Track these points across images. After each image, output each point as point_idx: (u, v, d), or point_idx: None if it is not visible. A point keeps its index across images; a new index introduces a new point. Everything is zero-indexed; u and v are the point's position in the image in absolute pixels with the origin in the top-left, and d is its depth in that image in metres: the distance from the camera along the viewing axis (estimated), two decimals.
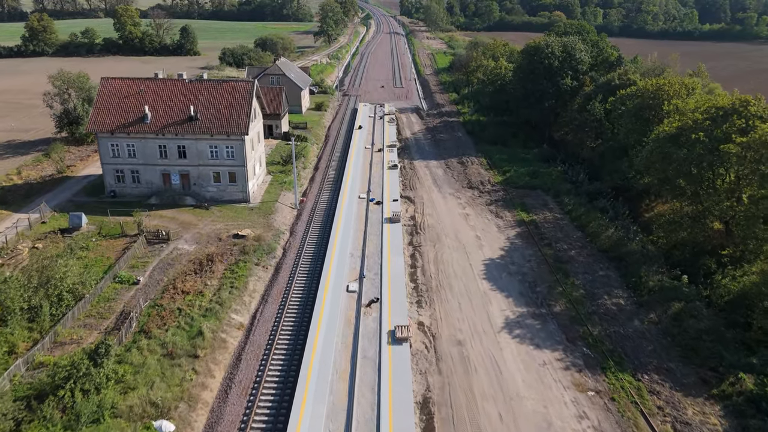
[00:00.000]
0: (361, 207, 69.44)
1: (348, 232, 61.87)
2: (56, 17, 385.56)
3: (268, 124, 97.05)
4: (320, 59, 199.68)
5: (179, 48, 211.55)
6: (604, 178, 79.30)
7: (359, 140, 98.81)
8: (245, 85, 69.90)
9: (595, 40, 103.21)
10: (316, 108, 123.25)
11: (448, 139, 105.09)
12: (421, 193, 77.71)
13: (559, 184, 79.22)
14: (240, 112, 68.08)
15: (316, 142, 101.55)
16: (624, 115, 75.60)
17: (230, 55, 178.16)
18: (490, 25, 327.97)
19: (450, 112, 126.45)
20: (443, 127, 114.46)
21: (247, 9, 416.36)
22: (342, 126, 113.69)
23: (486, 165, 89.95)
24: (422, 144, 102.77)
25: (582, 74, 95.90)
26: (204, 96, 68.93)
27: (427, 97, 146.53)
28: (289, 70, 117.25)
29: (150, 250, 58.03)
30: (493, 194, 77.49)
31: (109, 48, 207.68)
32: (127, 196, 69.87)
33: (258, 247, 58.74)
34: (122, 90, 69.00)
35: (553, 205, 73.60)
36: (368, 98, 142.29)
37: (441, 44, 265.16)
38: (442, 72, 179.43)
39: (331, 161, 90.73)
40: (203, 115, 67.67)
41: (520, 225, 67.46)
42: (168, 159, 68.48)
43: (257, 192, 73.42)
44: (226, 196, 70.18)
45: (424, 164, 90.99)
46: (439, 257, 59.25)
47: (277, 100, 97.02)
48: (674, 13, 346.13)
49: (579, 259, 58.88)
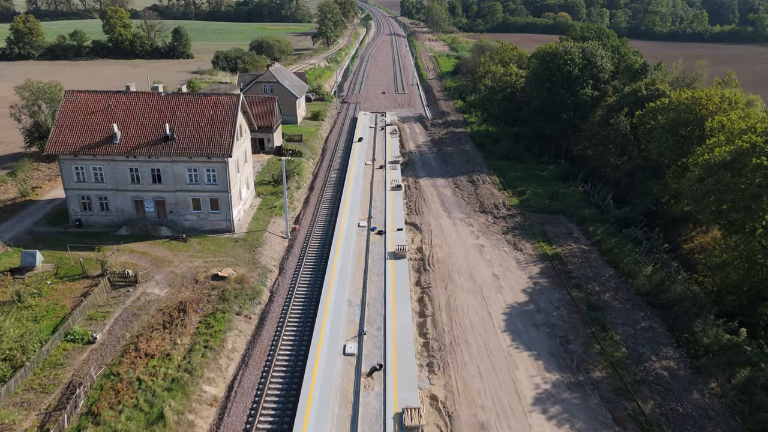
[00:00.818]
0: (360, 238, 60.97)
1: (346, 271, 53.37)
2: (51, 18, 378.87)
3: (259, 137, 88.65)
4: (318, 63, 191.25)
5: (171, 51, 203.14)
6: (633, 201, 70.83)
7: (359, 155, 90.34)
8: (229, 99, 61.41)
9: (617, 46, 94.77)
10: (312, 117, 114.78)
11: (455, 153, 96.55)
12: (428, 219, 69.20)
13: (582, 207, 70.73)
14: (223, 130, 59.59)
15: (312, 156, 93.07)
16: (656, 132, 67.12)
17: (223, 58, 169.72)
18: (494, 26, 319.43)
19: (456, 122, 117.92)
20: (450, 139, 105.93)
21: (244, 10, 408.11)
22: (340, 137, 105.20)
23: (499, 184, 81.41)
24: (428, 159, 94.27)
25: (603, 83, 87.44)
26: (182, 112, 60.44)
27: (431, 105, 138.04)
28: (284, 77, 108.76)
29: (113, 296, 49.51)
30: (509, 220, 68.98)
31: (98, 51, 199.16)
32: (95, 225, 61.37)
33: (240, 292, 50.27)
34: (88, 105, 60.51)
35: (578, 233, 65.11)
36: (368, 106, 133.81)
37: (444, 46, 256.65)
38: (446, 76, 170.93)
39: (328, 180, 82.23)
40: (181, 134, 59.20)
41: (543, 260, 58.95)
42: (140, 184, 59.99)
43: (243, 219, 64.94)
44: (208, 226, 61.71)
45: (431, 182, 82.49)
46: (452, 303, 50.73)
47: (269, 111, 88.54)
48: (682, 14, 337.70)
49: (615, 305, 50.38)
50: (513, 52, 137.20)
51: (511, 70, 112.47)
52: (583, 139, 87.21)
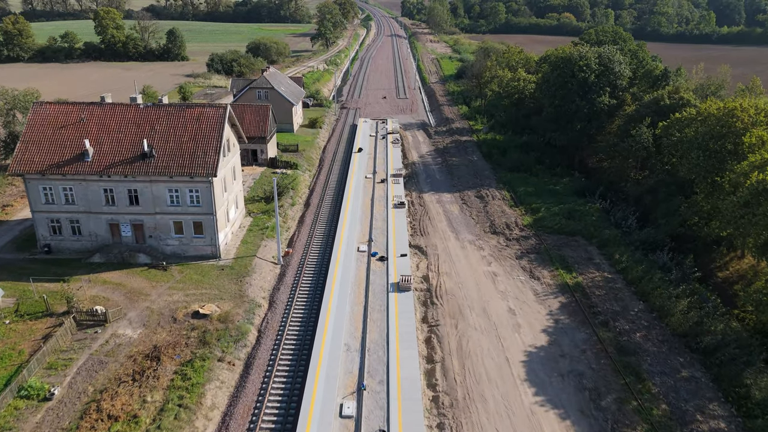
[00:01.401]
0: (360, 264, 55.02)
1: (343, 307, 47.40)
2: (46, 18, 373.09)
3: (251, 148, 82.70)
4: (317, 65, 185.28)
5: (166, 53, 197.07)
6: (657, 221, 64.84)
7: (359, 166, 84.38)
8: (215, 111, 55.44)
9: (634, 50, 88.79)
10: (309, 125, 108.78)
11: (461, 165, 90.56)
12: (434, 241, 63.24)
13: (602, 228, 64.80)
14: (207, 146, 53.62)
15: (308, 168, 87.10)
16: (684, 146, 61.20)
17: (218, 61, 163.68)
18: (496, 27, 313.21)
19: (461, 130, 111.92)
20: (455, 148, 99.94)
21: (242, 10, 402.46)
22: (339, 147, 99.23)
23: (510, 200, 75.44)
24: (432, 171, 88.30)
25: (621, 91, 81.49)
26: (162, 126, 54.47)
27: (434, 110, 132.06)
28: (279, 82, 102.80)
29: (79, 338, 43.56)
30: (522, 242, 63.01)
31: (90, 53, 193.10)
32: (66, 251, 55.40)
33: (224, 333, 44.33)
34: (58, 118, 54.54)
35: (599, 259, 59.13)
36: (369, 111, 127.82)
37: (446, 48, 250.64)
38: (449, 80, 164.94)
39: (326, 195, 76.26)
40: (161, 151, 53.25)
41: (563, 291, 52.98)
42: (116, 206, 54.02)
43: (231, 243, 58.97)
44: (191, 251, 55.74)
45: (436, 198, 76.52)
46: (464, 345, 44.75)
47: (263, 120, 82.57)
48: (687, 15, 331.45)
49: (649, 348, 44.43)
50: (520, 55, 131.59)
51: (519, 75, 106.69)
52: (600, 151, 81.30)
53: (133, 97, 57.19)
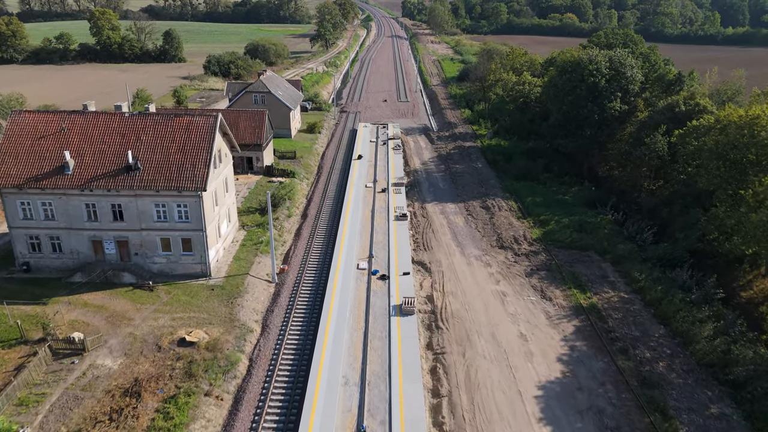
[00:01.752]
0: (360, 284, 51.53)
1: (342, 334, 43.90)
2: (44, 18, 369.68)
3: (247, 156, 79.24)
4: (316, 67, 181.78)
5: (162, 54, 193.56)
6: (675, 235, 61.33)
7: (359, 174, 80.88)
8: (205, 120, 51.95)
9: (646, 53, 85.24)
10: (308, 130, 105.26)
11: (465, 172, 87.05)
12: (438, 256, 59.75)
13: (616, 243, 61.30)
14: (197, 158, 50.14)
15: (306, 176, 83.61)
16: (704, 156, 57.71)
17: (216, 63, 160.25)
18: (498, 27, 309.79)
19: (464, 135, 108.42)
20: (458, 154, 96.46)
21: (242, 10, 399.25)
22: (338, 153, 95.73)
23: (517, 211, 71.94)
24: (435, 179, 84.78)
25: (633, 96, 77.97)
26: (148, 136, 50.99)
27: (436, 114, 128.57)
28: (276, 86, 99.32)
29: (54, 369, 40.08)
30: (532, 258, 59.51)
31: (85, 54, 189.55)
32: (46, 269, 51.91)
33: (212, 363, 40.85)
34: (38, 128, 51.05)
35: (614, 277, 55.63)
36: (369, 115, 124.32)
37: (447, 49, 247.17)
38: (451, 82, 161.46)
39: (324, 205, 72.77)
40: (147, 163, 49.77)
41: (577, 313, 49.49)
42: (99, 222, 50.53)
43: (223, 260, 55.47)
44: (179, 269, 52.24)
45: (440, 208, 73.03)
46: (473, 376, 41.26)
47: (258, 126, 79.10)
48: (691, 16, 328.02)
49: (674, 380, 40.94)
50: (524, 57, 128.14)
51: (524, 79, 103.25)
52: (611, 159, 77.82)
53: (118, 105, 53.77)
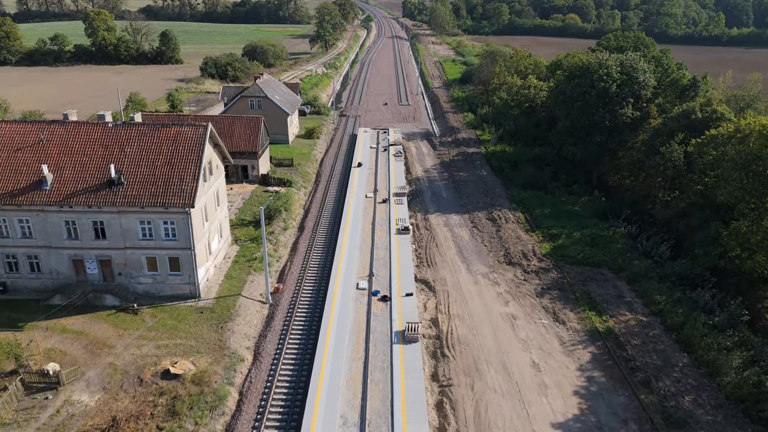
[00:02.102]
0: (359, 306, 48.14)
1: (340, 364, 40.51)
2: (42, 18, 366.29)
3: (242, 164, 75.87)
4: (315, 69, 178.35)
5: (159, 55, 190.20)
6: (694, 250, 57.89)
7: (359, 183, 77.48)
8: (194, 131, 48.58)
9: (658, 57, 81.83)
10: (306, 135, 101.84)
11: (469, 180, 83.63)
12: (443, 273, 56.37)
13: (631, 259, 57.89)
14: (185, 172, 46.76)
15: (303, 185, 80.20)
16: (725, 168, 54.33)
17: (212, 65, 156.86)
18: (500, 28, 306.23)
19: (468, 140, 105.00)
20: (462, 161, 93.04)
21: (241, 11, 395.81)
22: (338, 160, 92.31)
23: (525, 223, 68.53)
24: (438, 187, 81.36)
25: (645, 102, 74.57)
26: (133, 148, 47.62)
27: (438, 118, 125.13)
28: (273, 90, 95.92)
29: (26, 406, 36.71)
30: (542, 276, 56.09)
31: (80, 56, 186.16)
32: (24, 290, 48.54)
33: (198, 399, 37.45)
34: (14, 139, 47.68)
35: (630, 296, 52.22)
36: (369, 119, 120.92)
37: (449, 50, 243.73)
38: (453, 85, 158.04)
39: (322, 217, 69.38)
40: (131, 178, 46.42)
41: (593, 338, 46.09)
42: (79, 240, 47.17)
43: (213, 279, 52.06)
44: (167, 290, 48.85)
45: (443, 220, 69.65)
46: (483, 413, 37.84)
47: (254, 134, 75.71)
48: (695, 16, 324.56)
49: (701, 417, 37.54)
50: (528, 60, 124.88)
51: (530, 82, 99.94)
52: (622, 168, 74.41)
53: (101, 114, 50.35)
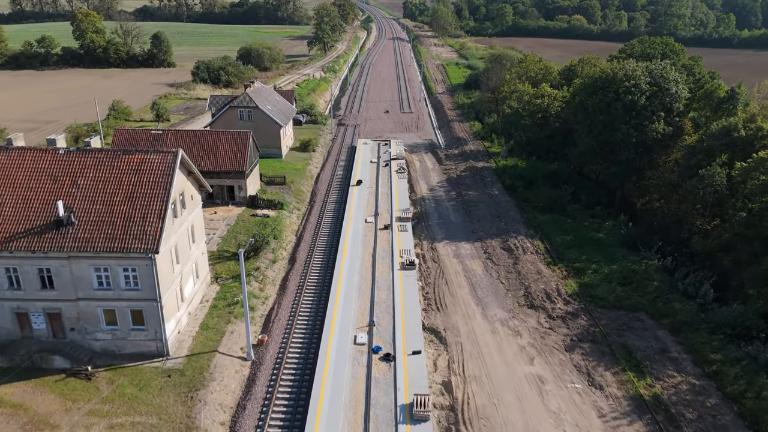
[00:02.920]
0: (358, 369, 40.41)
1: None
2: (35, 19, 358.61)
3: (228, 184, 68.24)
4: (313, 73, 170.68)
5: (150, 58, 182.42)
6: (745, 290, 50.26)
7: (358, 205, 69.81)
8: (161, 158, 40.90)
9: (689, 65, 74.17)
10: (301, 148, 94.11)
11: (480, 201, 75.91)
12: (455, 320, 48.69)
13: (670, 301, 50.28)
14: (149, 209, 39.11)
15: (297, 206, 72.53)
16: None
17: (205, 69, 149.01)
18: (503, 30, 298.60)
19: (476, 153, 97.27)
20: (470, 177, 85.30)
21: (239, 11, 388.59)
22: (335, 176, 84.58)
23: (544, 254, 60.83)
24: (445, 209, 73.67)
25: (678, 116, 66.91)
26: (88, 180, 39.98)
27: (443, 127, 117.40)
28: (265, 100, 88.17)
29: None
30: (570, 323, 48.40)
31: (68, 59, 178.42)
32: None
33: None
34: None
35: (676, 350, 44.54)
36: (370, 129, 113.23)
37: (451, 53, 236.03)
38: (457, 90, 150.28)
39: (316, 246, 61.72)
40: (84, 216, 38.79)
41: (639, 409, 38.38)
42: (23, 290, 39.51)
43: (186, 331, 44.37)
44: (129, 347, 41.17)
45: (453, 249, 61.99)
46: None
47: (241, 151, 68.04)
48: (702, 17, 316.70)
49: None
50: (539, 65, 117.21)
51: (543, 91, 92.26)
52: (652, 189, 66.73)
53: (51, 138, 42.72)
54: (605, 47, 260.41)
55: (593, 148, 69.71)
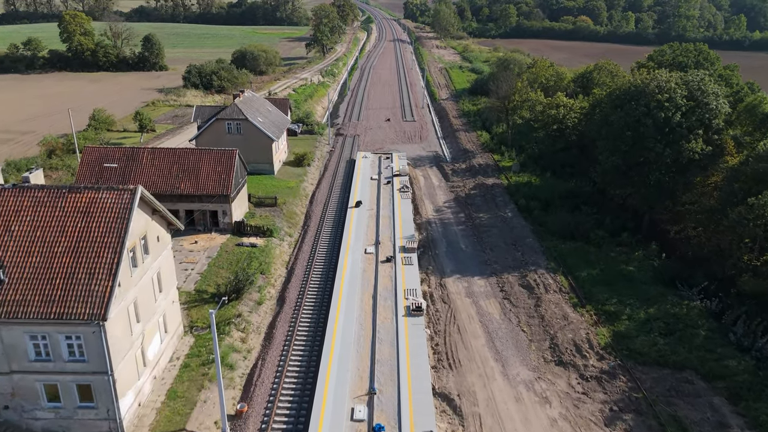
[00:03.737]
0: None
1: None
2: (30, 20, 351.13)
3: (210, 209, 60.90)
4: (311, 77, 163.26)
5: (141, 61, 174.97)
6: None
7: (357, 231, 62.44)
8: (116, 197, 33.48)
9: (726, 76, 66.76)
10: (295, 162, 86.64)
11: (492, 225, 68.53)
12: (470, 381, 41.28)
13: (722, 356, 42.88)
14: (98, 262, 31.72)
15: (288, 231, 65.15)
16: None
17: (196, 74, 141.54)
18: (507, 31, 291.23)
19: (485, 167, 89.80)
20: (480, 196, 77.87)
21: (236, 12, 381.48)
22: (332, 195, 77.15)
23: (569, 292, 53.37)
24: (454, 234, 66.30)
25: (717, 133, 59.50)
26: (24, 226, 32.58)
27: (448, 137, 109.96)
28: (256, 111, 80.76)
29: None
30: (607, 385, 40.93)
31: (55, 62, 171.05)
32: None
33: None
34: None
35: (738, 425, 37.06)
36: (370, 139, 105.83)
37: (454, 55, 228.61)
38: (462, 96, 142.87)
39: (309, 283, 54.28)
40: (16, 272, 31.42)
41: None
42: None
43: (149, 403, 36.92)
44: (76, 428, 33.79)
45: (465, 286, 54.58)
46: None
47: (226, 172, 60.67)
48: (709, 18, 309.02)
49: None
50: (550, 70, 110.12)
51: (558, 100, 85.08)
52: (687, 216, 59.29)
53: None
54: (613, 49, 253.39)
55: (619, 167, 62.28)
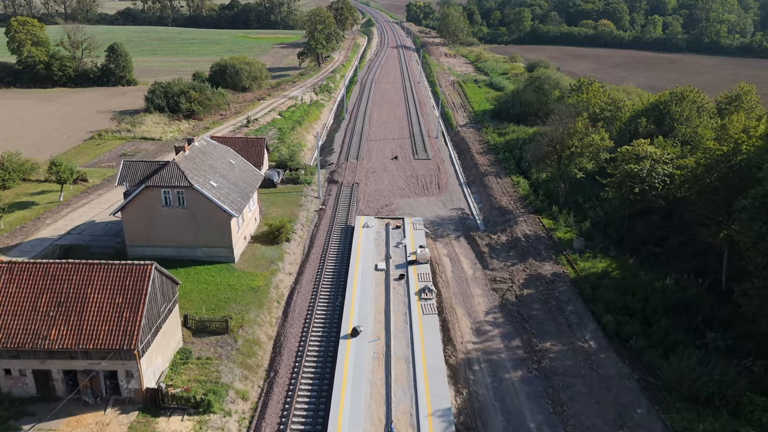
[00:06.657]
0: None
1: None
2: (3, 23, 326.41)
3: (107, 369, 35.81)
4: (302, 95, 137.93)
5: (105, 75, 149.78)
6: None
7: (353, 398, 37.29)
8: None
9: None
10: (269, 237, 61.07)
11: (570, 371, 42.97)
12: None
13: None
14: None
15: (241, 392, 39.83)
16: None
17: (161, 94, 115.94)
18: (521, 36, 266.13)
19: (534, 241, 64.19)
20: (539, 301, 52.31)
21: (228, 15, 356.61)
22: (317, 301, 51.67)
23: None
24: (512, 395, 40.87)
25: None
26: None
27: (474, 183, 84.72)
28: (208, 171, 55.41)
29: None
30: None
31: (2, 77, 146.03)
32: None
33: None
34: None
35: None
36: (372, 189, 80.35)
37: (466, 65, 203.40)
38: (484, 121, 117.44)
39: None
40: None
41: None
42: None
43: None
44: None
45: None
46: None
47: (131, 306, 35.44)
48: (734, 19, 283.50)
49: None
50: (603, 96, 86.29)
51: (640, 149, 61.01)
52: None
53: None
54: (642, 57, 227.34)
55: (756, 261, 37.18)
